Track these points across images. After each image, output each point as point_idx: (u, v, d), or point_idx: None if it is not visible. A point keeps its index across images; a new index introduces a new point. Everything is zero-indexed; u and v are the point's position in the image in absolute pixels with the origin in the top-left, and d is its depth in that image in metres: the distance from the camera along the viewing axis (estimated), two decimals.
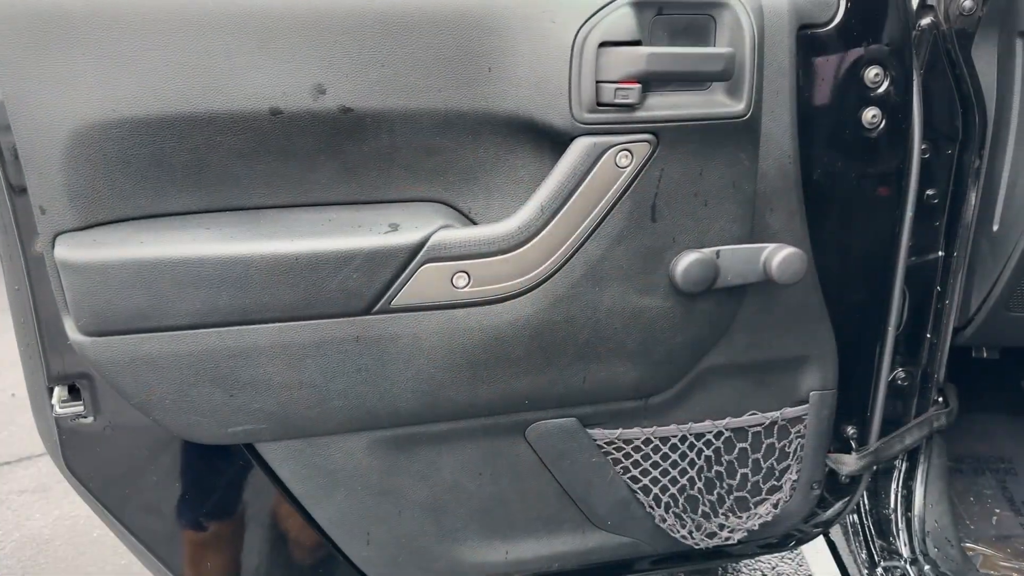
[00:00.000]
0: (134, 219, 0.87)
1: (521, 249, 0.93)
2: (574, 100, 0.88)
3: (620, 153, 0.91)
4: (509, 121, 0.92)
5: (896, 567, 1.32)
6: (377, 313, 0.92)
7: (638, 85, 0.88)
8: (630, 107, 0.89)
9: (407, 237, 0.90)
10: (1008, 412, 1.70)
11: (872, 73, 1.03)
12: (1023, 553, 1.45)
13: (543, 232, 0.92)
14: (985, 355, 1.42)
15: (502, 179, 0.96)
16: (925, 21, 1.11)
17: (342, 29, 0.86)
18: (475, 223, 0.97)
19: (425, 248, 0.90)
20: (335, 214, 0.92)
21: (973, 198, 1.18)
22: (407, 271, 0.91)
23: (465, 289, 0.93)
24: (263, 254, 0.88)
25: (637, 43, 0.89)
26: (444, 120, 0.91)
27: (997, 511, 1.56)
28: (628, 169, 0.92)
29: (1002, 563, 1.43)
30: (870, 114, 1.05)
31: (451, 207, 0.97)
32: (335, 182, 0.92)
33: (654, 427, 1.10)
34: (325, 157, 0.91)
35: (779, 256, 0.98)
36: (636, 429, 1.09)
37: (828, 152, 1.05)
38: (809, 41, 1.00)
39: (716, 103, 0.94)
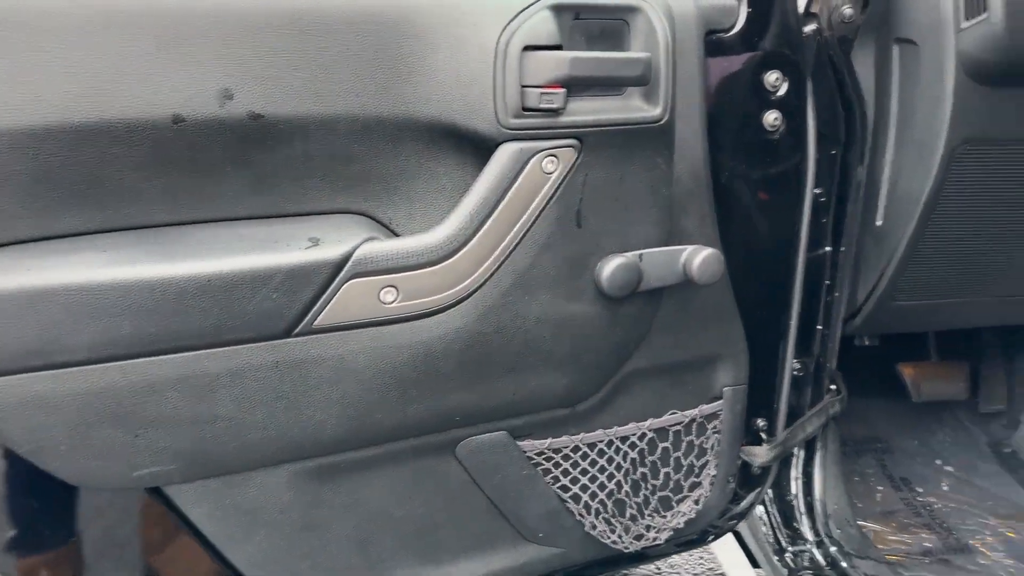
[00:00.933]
0: (18, 243, 0.77)
1: (450, 260, 0.89)
2: (499, 105, 0.86)
3: (546, 159, 0.90)
4: (431, 127, 0.88)
5: (803, 551, 1.38)
6: (299, 335, 0.86)
7: (563, 89, 0.87)
8: (555, 112, 0.88)
9: (330, 252, 0.85)
10: (882, 395, 1.83)
11: (772, 78, 1.08)
12: (907, 526, 1.56)
13: (472, 242, 0.89)
14: (867, 343, 1.52)
15: (424, 188, 0.92)
16: (809, 28, 1.16)
17: (250, 29, 0.79)
18: (397, 234, 0.93)
19: (350, 263, 0.85)
20: (248, 230, 0.85)
21: (857, 196, 1.25)
22: (331, 288, 0.85)
23: (393, 304, 0.88)
24: (169, 277, 0.79)
25: (558, 47, 0.88)
26: (362, 126, 0.86)
27: (880, 489, 1.67)
28: (554, 175, 0.91)
29: (890, 537, 1.53)
30: (771, 117, 1.09)
31: (371, 218, 0.92)
32: (246, 195, 0.85)
33: (582, 434, 1.09)
34: (234, 168, 0.84)
35: (699, 257, 1.00)
36: (565, 438, 1.08)
37: (735, 155, 1.08)
38: (715, 46, 1.03)
39: (634, 108, 0.94)
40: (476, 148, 0.89)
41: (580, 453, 1.10)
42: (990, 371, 1.80)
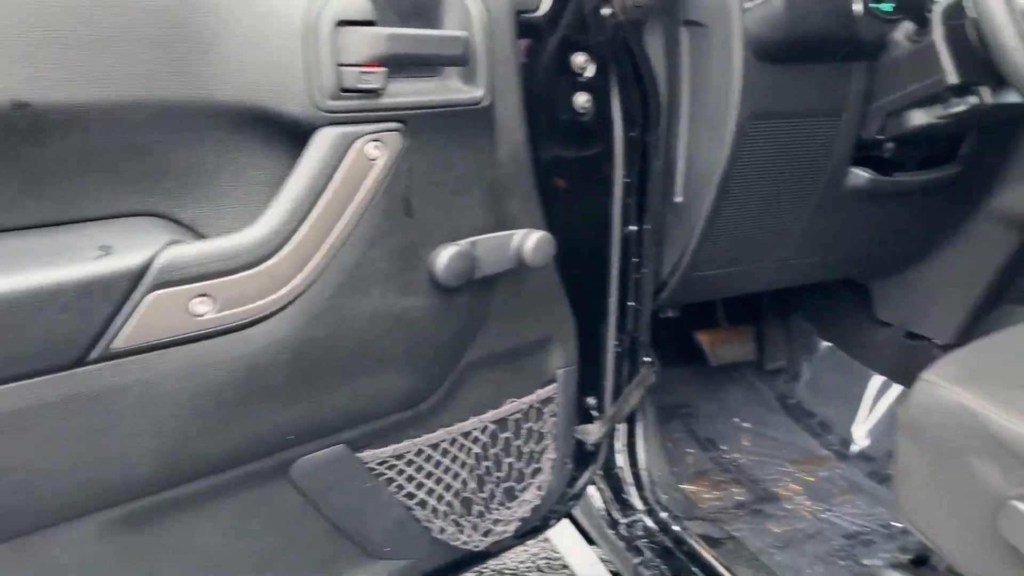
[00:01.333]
0: None
1: (271, 261, 0.80)
2: (314, 85, 0.78)
3: (370, 143, 0.83)
4: (235, 112, 0.78)
5: (636, 521, 1.43)
6: (96, 362, 0.72)
7: (384, 68, 0.81)
8: (376, 92, 0.82)
9: (125, 260, 0.72)
10: (683, 362, 1.95)
11: (579, 60, 1.09)
12: (719, 483, 1.67)
13: (294, 239, 0.81)
14: (670, 314, 1.60)
15: (231, 182, 0.82)
16: (606, 11, 1.19)
17: (5, 3, 0.65)
18: (203, 236, 0.81)
19: (151, 271, 0.73)
20: (22, 241, 0.71)
21: (658, 175, 1.30)
22: (130, 303, 0.73)
23: (207, 316, 0.77)
24: None
25: (370, 23, 0.81)
26: (154, 113, 0.74)
27: (690, 451, 1.77)
28: (380, 162, 0.84)
29: (705, 496, 1.63)
30: (581, 99, 1.10)
31: (171, 220, 0.80)
32: (17, 199, 0.70)
33: (424, 436, 1.03)
34: None
35: (531, 241, 0.99)
36: (407, 442, 1.02)
37: (551, 137, 1.08)
38: (526, 28, 1.02)
39: (454, 89, 0.90)
40: (289, 135, 0.81)
41: (424, 456, 1.04)
42: (770, 331, 1.97)
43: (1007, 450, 0.86)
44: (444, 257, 0.91)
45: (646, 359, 1.44)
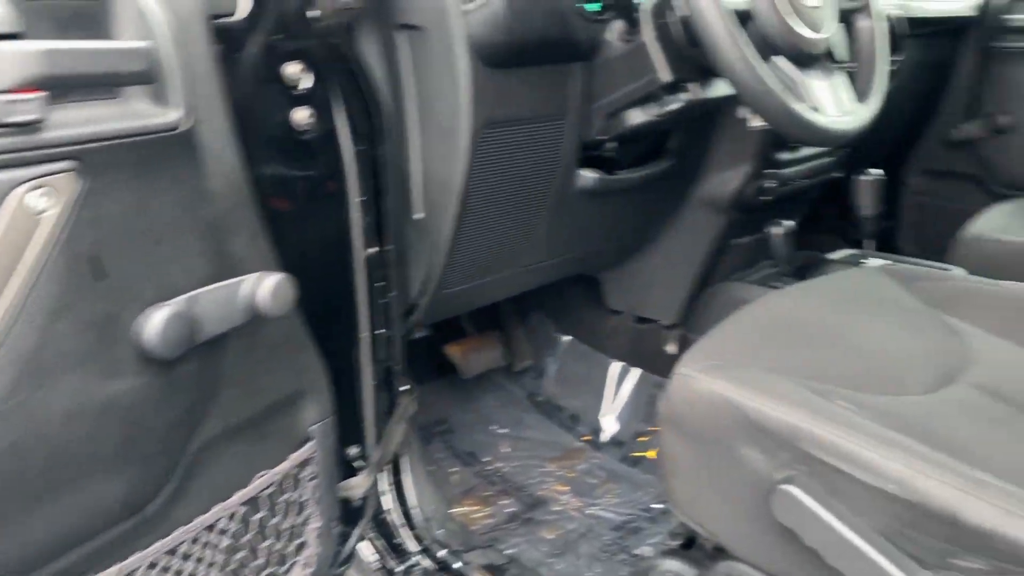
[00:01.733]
0: None
1: None
2: None
3: (33, 192, 0.63)
4: None
5: (413, 566, 1.32)
6: None
7: (43, 93, 0.61)
8: (33, 125, 0.62)
9: None
10: (434, 378, 1.87)
11: (292, 70, 0.95)
12: (488, 498, 1.62)
13: None
14: (419, 335, 1.51)
15: None
16: (312, 14, 1.06)
17: None
18: None
19: None
20: None
21: (394, 191, 1.20)
22: None
23: None
24: None
25: (16, 37, 0.61)
26: None
27: (454, 470, 1.70)
28: (50, 214, 0.64)
29: (476, 515, 1.57)
30: (301, 114, 0.96)
31: None
32: None
33: (156, 543, 0.83)
34: None
35: (265, 286, 0.83)
36: (135, 557, 0.81)
37: (271, 160, 0.93)
38: (225, 34, 0.86)
39: (142, 113, 0.72)
40: None
41: (160, 568, 0.84)
42: (515, 333, 1.97)
43: (767, 435, 0.89)
44: (154, 323, 0.73)
45: (403, 388, 1.34)
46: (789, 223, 1.69)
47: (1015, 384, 0.99)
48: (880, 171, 1.82)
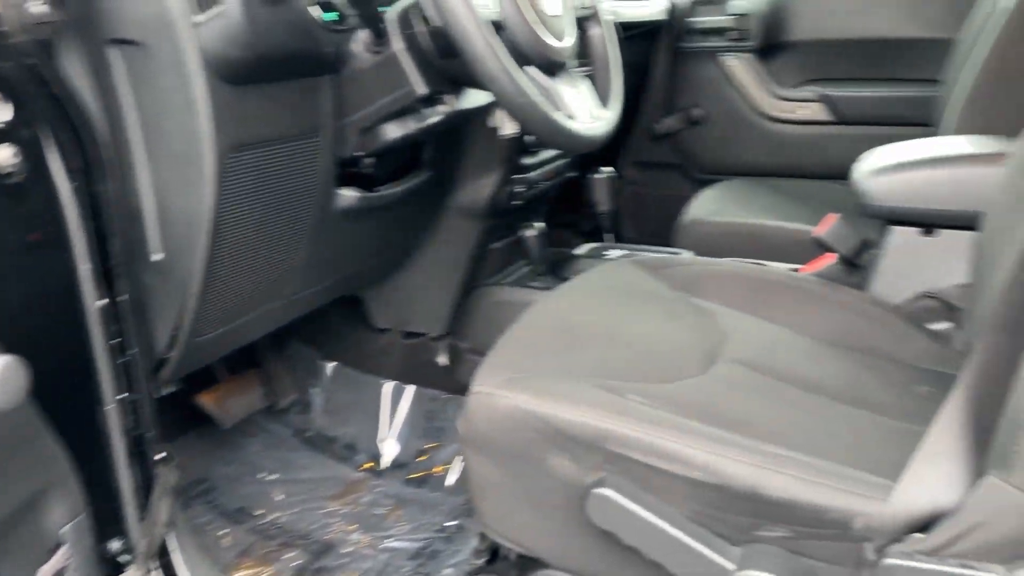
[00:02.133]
0: None
1: None
2: None
3: None
4: None
5: None
6: None
7: None
8: None
9: None
10: (187, 434, 1.67)
11: None
12: (268, 555, 1.48)
13: None
14: (167, 391, 1.32)
15: None
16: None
17: None
18: None
19: None
20: None
21: (121, 231, 1.03)
22: None
23: None
24: None
25: None
26: None
27: (224, 532, 1.53)
28: None
29: None
30: (3, 154, 0.78)
31: None
32: None
33: None
34: None
35: None
36: None
37: None
38: None
39: None
40: None
41: None
42: (275, 368, 1.82)
43: (574, 441, 0.89)
44: None
45: (159, 456, 1.16)
46: (540, 224, 1.74)
47: (767, 355, 1.10)
48: (611, 168, 1.94)
